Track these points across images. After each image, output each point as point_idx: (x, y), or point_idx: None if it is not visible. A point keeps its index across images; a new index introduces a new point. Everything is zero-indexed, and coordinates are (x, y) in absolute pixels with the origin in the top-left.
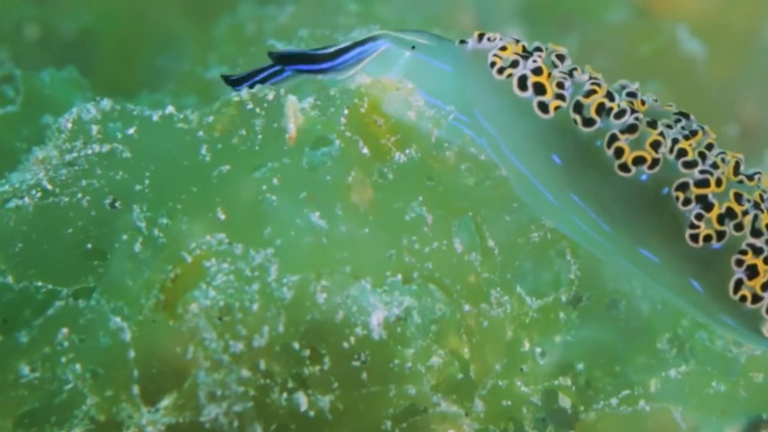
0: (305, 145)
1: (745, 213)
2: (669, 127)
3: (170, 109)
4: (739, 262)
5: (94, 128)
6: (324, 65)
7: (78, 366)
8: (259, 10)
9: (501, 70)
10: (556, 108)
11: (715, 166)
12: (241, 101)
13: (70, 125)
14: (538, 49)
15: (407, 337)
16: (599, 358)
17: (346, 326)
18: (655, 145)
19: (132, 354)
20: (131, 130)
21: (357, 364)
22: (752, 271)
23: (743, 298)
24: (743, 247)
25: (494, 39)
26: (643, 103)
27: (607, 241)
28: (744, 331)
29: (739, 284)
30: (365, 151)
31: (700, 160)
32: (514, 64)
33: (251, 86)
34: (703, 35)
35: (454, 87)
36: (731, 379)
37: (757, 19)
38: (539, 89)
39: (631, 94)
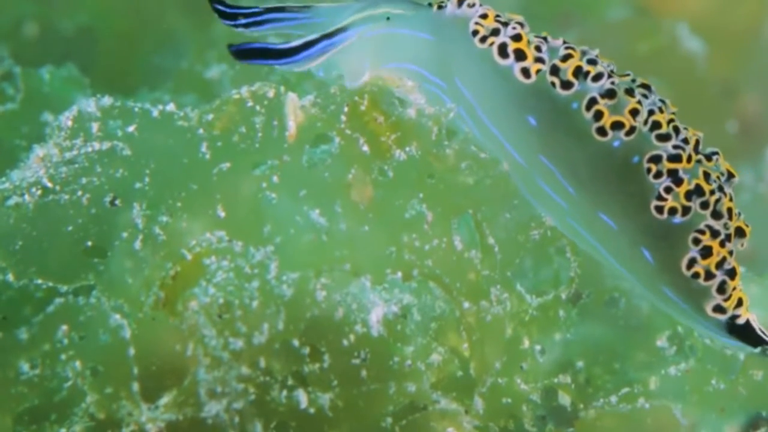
0: (305, 143)
1: (711, 192)
2: (645, 96)
3: (170, 106)
4: (696, 241)
5: (94, 126)
6: (285, 60)
7: (78, 363)
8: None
9: (483, 39)
10: (538, 71)
11: (686, 141)
12: (241, 99)
13: (70, 123)
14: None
15: (407, 334)
16: (599, 355)
17: (345, 324)
18: (634, 113)
19: (132, 351)
20: (131, 128)
21: (357, 361)
22: (706, 252)
23: (696, 275)
24: (702, 227)
25: (473, 4)
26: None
27: (568, 204)
28: (683, 306)
29: (692, 262)
30: (365, 148)
31: (673, 134)
32: (495, 32)
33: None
34: (703, 33)
35: (432, 54)
36: (731, 377)
37: (757, 17)
38: (520, 55)
39: (592, 62)
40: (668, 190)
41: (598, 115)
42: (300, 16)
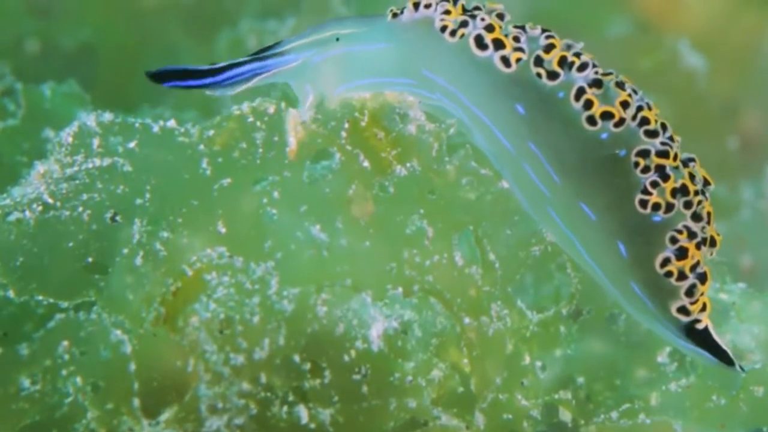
0: (306, 159)
1: (696, 193)
2: (635, 91)
3: (171, 122)
4: (673, 240)
5: (95, 142)
6: (205, 81)
7: (79, 379)
8: (259, 24)
9: (453, 33)
10: (518, 60)
11: (672, 139)
12: (242, 115)
13: (71, 139)
14: (477, 8)
15: (408, 350)
16: (599, 371)
17: (346, 339)
18: (624, 105)
19: (133, 367)
20: (132, 144)
21: (358, 377)
22: (682, 252)
23: (669, 274)
24: (680, 226)
25: (430, 5)
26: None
27: (550, 192)
28: (648, 303)
29: (667, 261)
30: (366, 164)
31: (661, 131)
32: (464, 24)
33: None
34: (704, 50)
35: (392, 59)
36: (731, 393)
37: (759, 33)
38: (498, 44)
39: (576, 54)
40: (654, 184)
41: (588, 104)
42: (273, 63)
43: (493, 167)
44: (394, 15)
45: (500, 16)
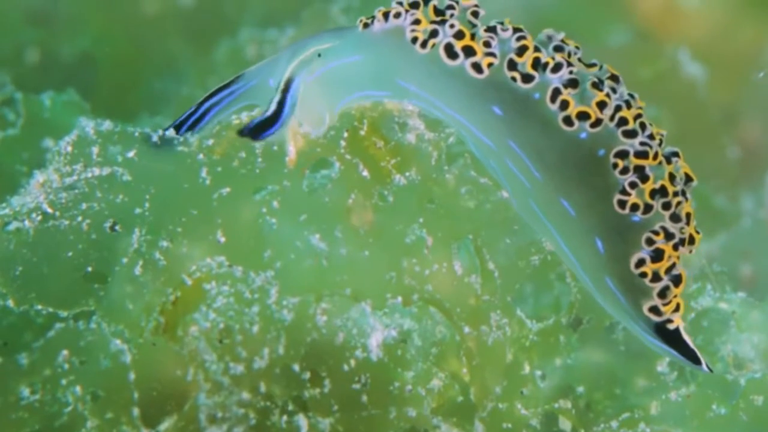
0: (305, 168)
1: (675, 194)
2: (613, 90)
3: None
4: (650, 241)
5: (95, 151)
6: (275, 127)
7: (78, 388)
8: (259, 33)
9: (424, 44)
10: (489, 65)
11: (652, 137)
12: (241, 124)
13: (70, 148)
14: (451, 6)
15: (407, 359)
16: (599, 380)
17: (346, 348)
18: (601, 105)
19: (132, 376)
20: (131, 153)
21: (357, 386)
22: (658, 254)
23: (643, 275)
24: (657, 228)
25: (399, 14)
26: (569, 55)
27: (531, 185)
28: (620, 299)
29: (642, 262)
30: (365, 173)
31: (640, 131)
32: (434, 34)
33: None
34: (704, 59)
35: (368, 71)
36: (731, 402)
37: (759, 43)
38: (468, 52)
39: (558, 48)
40: (633, 185)
41: (564, 105)
42: (235, 88)
43: (492, 177)
44: (365, 25)
45: (475, 14)
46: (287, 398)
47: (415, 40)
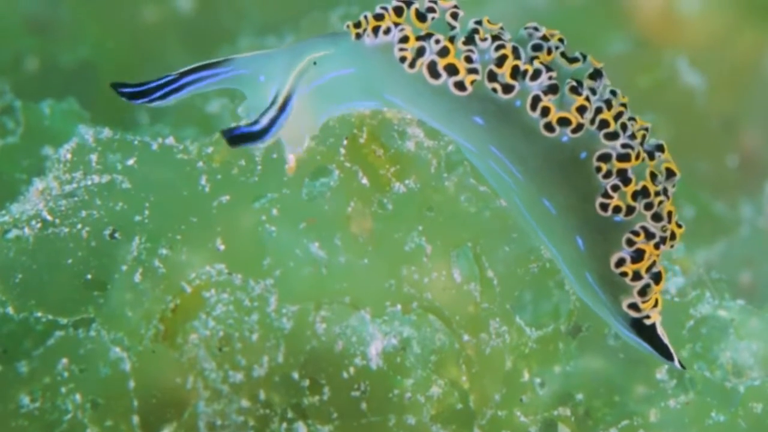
0: (305, 176)
1: (656, 194)
2: (593, 91)
3: (170, 139)
4: (630, 242)
5: (94, 159)
6: (261, 140)
7: (78, 396)
8: (258, 41)
9: (413, 63)
10: (472, 82)
11: (633, 137)
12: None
13: (69, 156)
14: (431, 9)
15: (407, 367)
16: (599, 388)
17: (345, 356)
18: (581, 110)
19: (132, 384)
20: (131, 161)
21: (356, 394)
22: (638, 254)
23: (623, 274)
24: (637, 228)
25: (388, 30)
26: (549, 52)
27: (515, 185)
28: (600, 294)
29: (622, 261)
30: (365, 181)
31: (621, 132)
32: (421, 52)
33: (145, 97)
34: (702, 67)
35: (358, 84)
36: (731, 410)
37: (757, 51)
38: (451, 70)
39: (537, 47)
40: (615, 188)
41: (545, 112)
42: (220, 71)
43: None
44: (357, 36)
45: (454, 16)
46: (286, 406)
47: (403, 59)
